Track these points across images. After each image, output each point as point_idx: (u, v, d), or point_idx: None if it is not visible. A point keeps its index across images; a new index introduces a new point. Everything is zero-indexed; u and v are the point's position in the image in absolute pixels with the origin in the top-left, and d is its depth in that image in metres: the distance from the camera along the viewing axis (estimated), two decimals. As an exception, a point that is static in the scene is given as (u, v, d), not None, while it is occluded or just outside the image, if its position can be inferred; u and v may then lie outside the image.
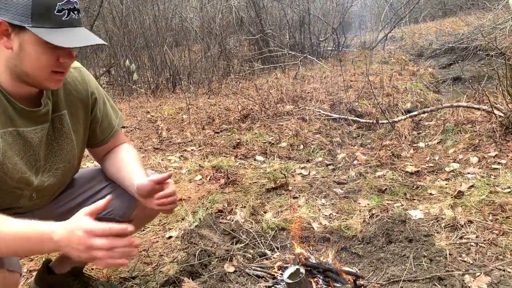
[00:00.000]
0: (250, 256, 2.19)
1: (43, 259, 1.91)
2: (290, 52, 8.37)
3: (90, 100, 1.57)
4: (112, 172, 1.66)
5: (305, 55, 8.27)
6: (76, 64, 1.56)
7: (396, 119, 4.41)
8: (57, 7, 1.24)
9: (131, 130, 4.98)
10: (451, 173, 3.13)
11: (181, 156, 3.99)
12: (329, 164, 3.63)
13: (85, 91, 1.55)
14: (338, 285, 1.91)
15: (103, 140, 1.67)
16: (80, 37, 1.30)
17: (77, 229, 1.17)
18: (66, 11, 1.26)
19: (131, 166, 1.60)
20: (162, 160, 3.84)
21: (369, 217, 2.51)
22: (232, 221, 2.55)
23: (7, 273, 1.27)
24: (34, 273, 1.93)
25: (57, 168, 1.52)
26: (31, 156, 1.42)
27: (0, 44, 1.25)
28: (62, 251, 1.23)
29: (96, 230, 1.16)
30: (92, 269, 2.13)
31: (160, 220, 2.65)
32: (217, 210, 2.72)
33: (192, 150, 4.16)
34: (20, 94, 1.34)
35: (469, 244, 2.15)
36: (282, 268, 2.01)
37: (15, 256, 1.31)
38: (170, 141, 4.50)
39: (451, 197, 2.68)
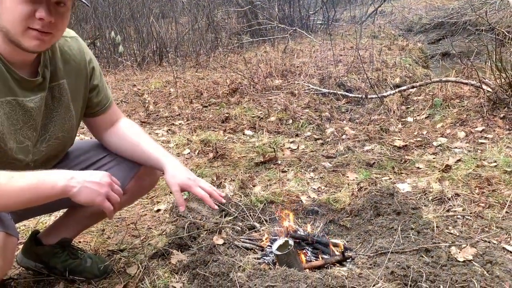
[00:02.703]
0: (239, 228, 2.19)
1: (31, 231, 1.89)
2: (279, 25, 8.23)
3: (88, 69, 1.58)
4: (125, 148, 1.69)
5: (294, 28, 8.13)
6: (72, 33, 1.56)
7: (385, 94, 4.40)
8: None
9: (117, 104, 4.89)
10: (439, 148, 3.15)
11: (169, 130, 3.95)
12: (318, 139, 3.63)
13: (83, 60, 1.56)
14: (326, 256, 1.93)
15: (99, 110, 1.67)
16: None
17: (99, 171, 1.38)
18: None
19: (150, 145, 1.68)
20: (149, 134, 3.79)
21: (358, 191, 2.52)
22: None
23: (6, 236, 1.26)
24: (21, 245, 1.90)
25: (56, 138, 1.52)
26: (31, 126, 1.41)
27: None
28: (72, 191, 1.29)
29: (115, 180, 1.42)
30: (80, 242, 2.12)
31: (148, 194, 2.63)
32: (205, 184, 2.70)
33: (180, 124, 4.12)
34: (16, 60, 1.32)
35: (455, 216, 2.18)
36: (271, 240, 2.02)
37: (24, 206, 1.29)
38: (157, 115, 4.44)
39: (439, 171, 2.71)
